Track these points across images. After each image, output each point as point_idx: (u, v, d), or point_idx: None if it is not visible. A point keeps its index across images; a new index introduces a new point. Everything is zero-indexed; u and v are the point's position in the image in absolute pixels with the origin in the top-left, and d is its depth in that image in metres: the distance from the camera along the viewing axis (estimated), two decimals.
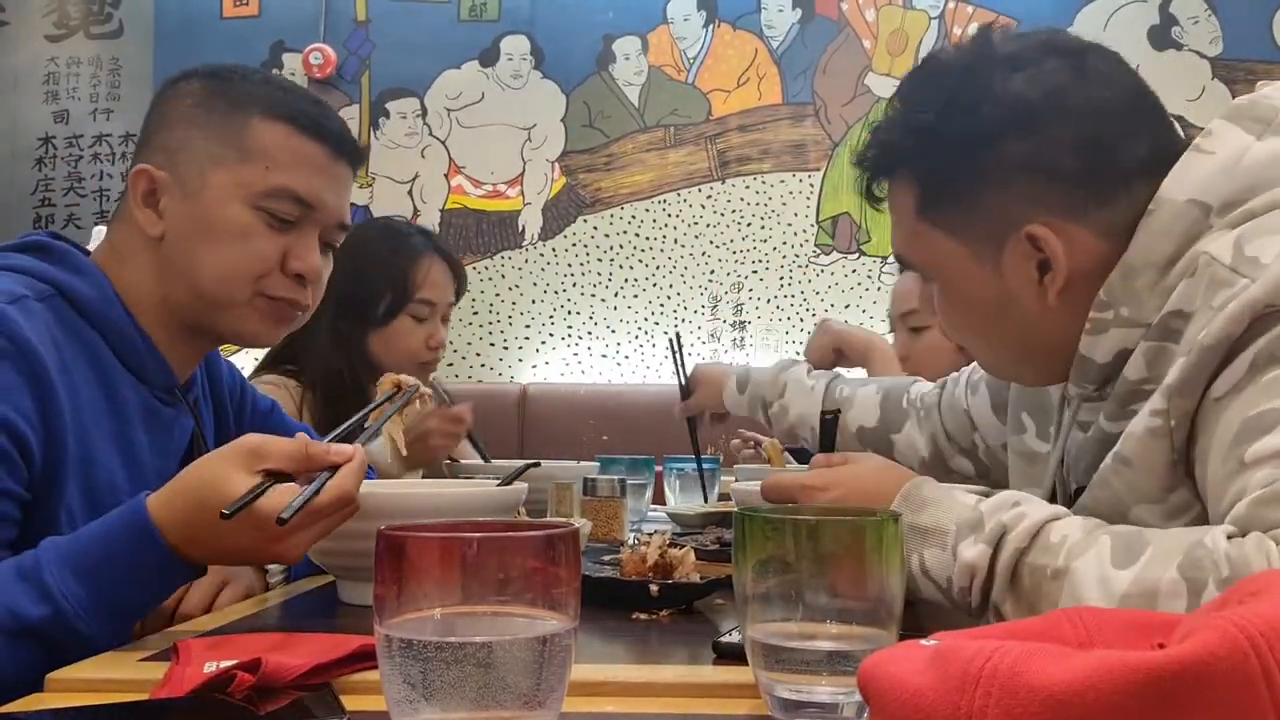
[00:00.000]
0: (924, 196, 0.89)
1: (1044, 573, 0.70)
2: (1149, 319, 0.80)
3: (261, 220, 0.99)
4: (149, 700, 0.62)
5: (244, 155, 0.99)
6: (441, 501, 1.01)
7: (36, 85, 3.81)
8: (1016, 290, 0.86)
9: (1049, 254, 0.83)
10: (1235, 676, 0.36)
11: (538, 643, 0.48)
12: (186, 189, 0.99)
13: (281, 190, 1.00)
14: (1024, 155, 0.83)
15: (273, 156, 1.00)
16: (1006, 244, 0.84)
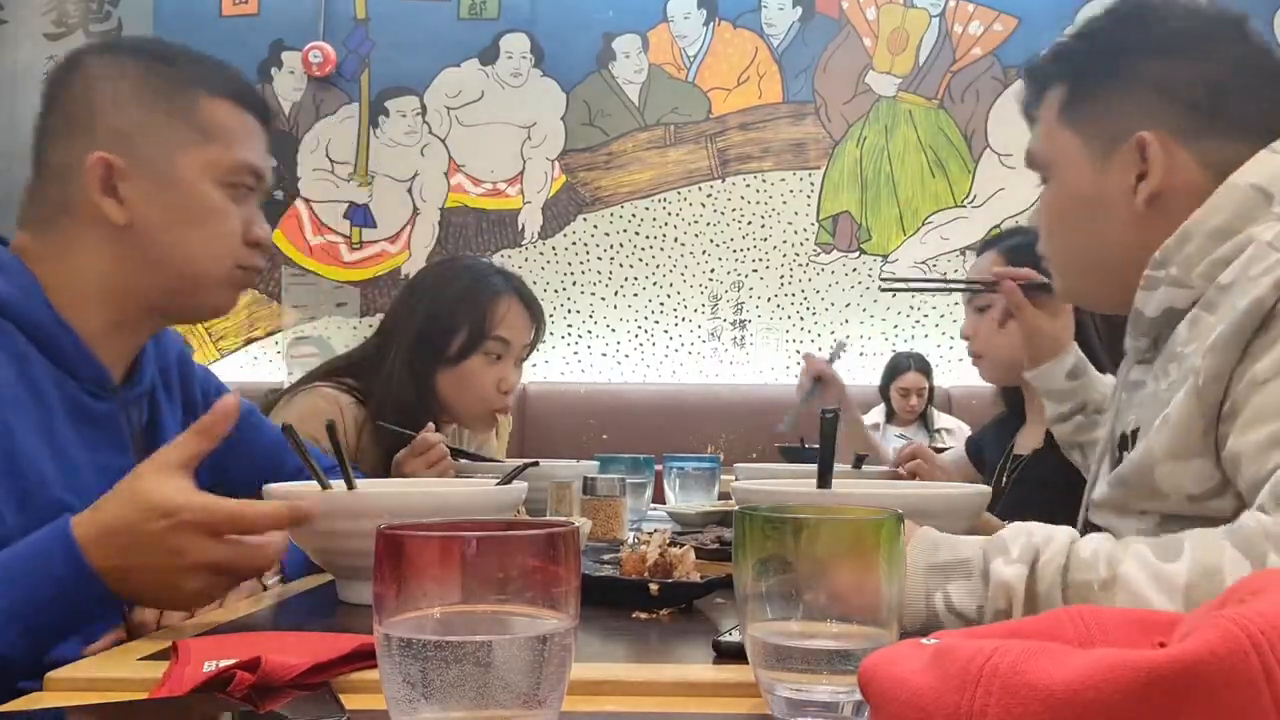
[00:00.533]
0: (1069, 97, 0.99)
1: (1091, 587, 0.70)
2: (1194, 282, 0.88)
3: (228, 196, 1.03)
4: (148, 699, 0.62)
5: (205, 136, 1.02)
6: (441, 500, 1.01)
7: (35, 83, 3.81)
8: (1112, 192, 0.95)
9: (1149, 159, 0.92)
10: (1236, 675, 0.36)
11: (537, 642, 0.47)
12: (154, 174, 0.99)
13: (243, 165, 1.04)
14: (1158, 73, 0.93)
15: (230, 134, 1.04)
16: (1119, 148, 0.94)
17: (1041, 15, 3.63)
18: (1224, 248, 0.86)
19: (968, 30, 3.67)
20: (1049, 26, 3.62)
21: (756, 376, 3.63)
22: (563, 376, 3.65)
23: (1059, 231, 1.02)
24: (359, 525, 0.87)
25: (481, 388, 1.71)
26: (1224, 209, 0.87)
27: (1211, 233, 0.87)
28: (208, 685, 0.61)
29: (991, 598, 0.73)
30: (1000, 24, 3.66)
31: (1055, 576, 0.70)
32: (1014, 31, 3.65)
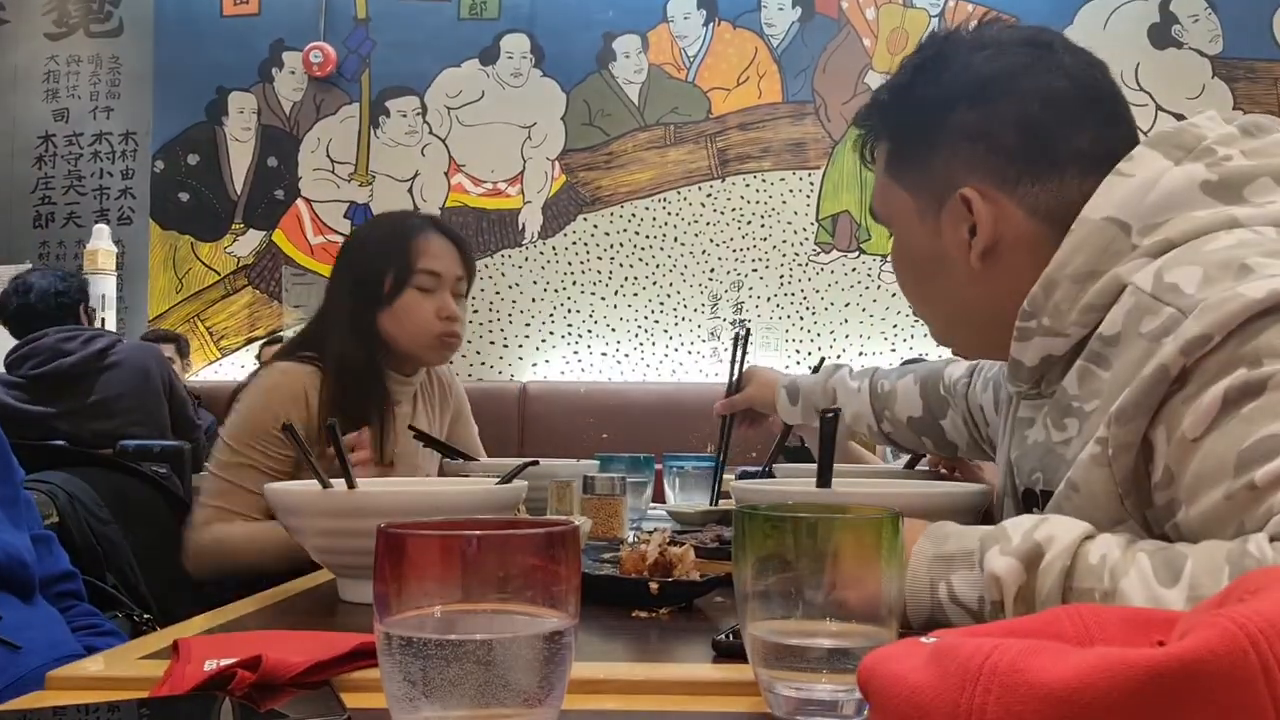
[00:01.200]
0: (891, 153, 0.97)
1: (1092, 595, 0.68)
2: (1067, 330, 0.85)
3: None
4: (149, 698, 0.62)
5: None
6: (441, 500, 1.01)
7: (36, 83, 3.81)
8: (949, 249, 0.92)
9: (975, 216, 0.89)
10: (1234, 674, 0.36)
11: (538, 640, 0.48)
12: None
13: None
14: (971, 124, 0.90)
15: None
16: (945, 204, 0.92)
17: (1040, 15, 3.63)
18: (1092, 291, 0.82)
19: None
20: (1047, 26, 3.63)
21: None
22: (563, 376, 3.65)
23: (911, 287, 1.00)
24: (360, 524, 0.87)
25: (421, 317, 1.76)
26: (1083, 249, 0.83)
27: (1075, 277, 0.83)
28: (209, 684, 0.61)
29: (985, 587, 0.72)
30: None
31: (1058, 580, 0.69)
32: None
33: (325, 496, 0.94)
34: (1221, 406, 0.69)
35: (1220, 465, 0.69)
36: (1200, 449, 0.71)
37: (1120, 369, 0.79)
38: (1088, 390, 0.83)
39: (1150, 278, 0.78)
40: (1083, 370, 0.84)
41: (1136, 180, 0.84)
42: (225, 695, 0.60)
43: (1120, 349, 0.79)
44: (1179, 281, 0.76)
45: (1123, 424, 0.76)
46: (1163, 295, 0.76)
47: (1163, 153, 0.85)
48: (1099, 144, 0.89)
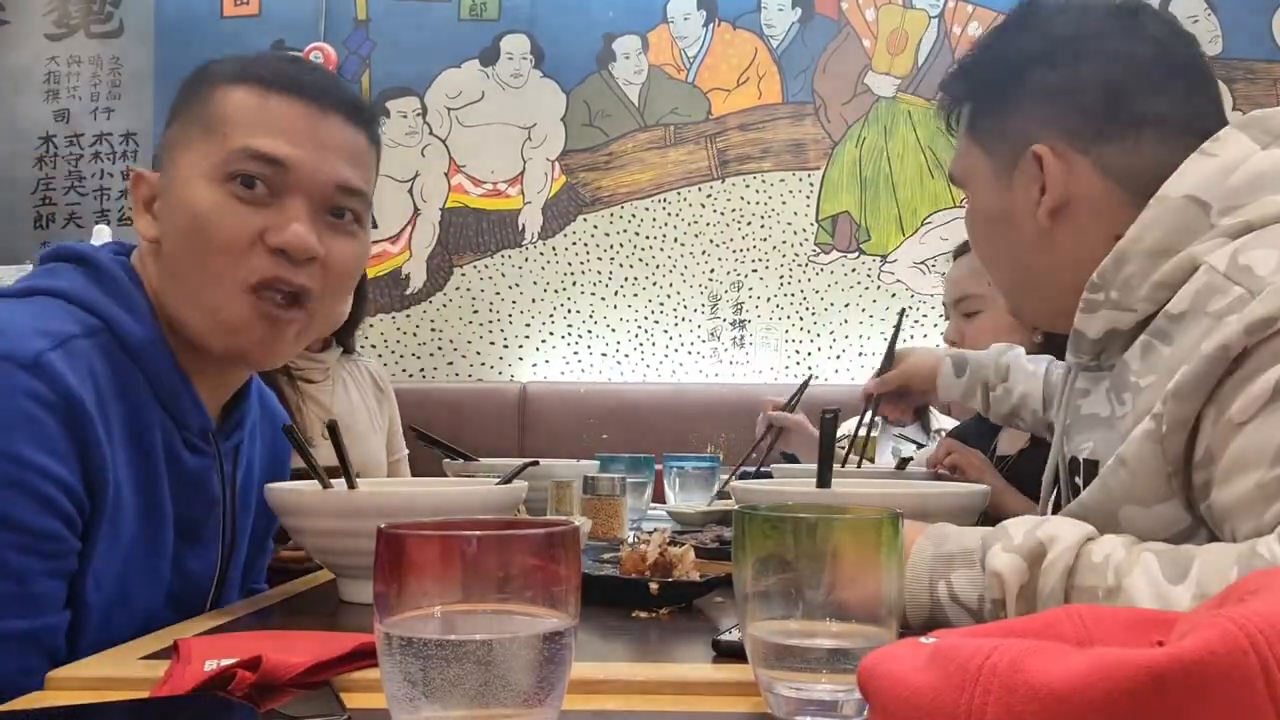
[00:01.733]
0: (974, 112, 0.98)
1: (1095, 593, 0.68)
2: (1135, 305, 0.84)
3: (227, 193, 0.86)
4: (150, 699, 0.62)
5: (206, 130, 0.88)
6: (441, 500, 1.01)
7: (37, 84, 3.81)
8: (1018, 209, 0.93)
9: (1045, 173, 0.90)
10: (1234, 674, 0.36)
11: (538, 641, 0.48)
12: (167, 184, 0.91)
13: (240, 152, 0.86)
14: (1050, 82, 0.91)
15: (233, 121, 0.87)
16: (1019, 162, 0.92)
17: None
18: (1165, 268, 0.82)
19: (966, 31, 3.67)
20: None
21: (756, 376, 3.64)
22: (563, 376, 3.65)
23: (984, 249, 1.01)
24: (360, 524, 0.87)
25: None
26: (1159, 225, 0.82)
27: (1149, 252, 0.83)
28: (209, 684, 0.61)
29: (987, 585, 0.71)
30: None
31: (1060, 578, 0.68)
32: None
33: (325, 497, 0.94)
34: (1272, 394, 0.69)
35: (1259, 452, 0.69)
36: (1242, 433, 0.70)
37: (1181, 346, 0.78)
38: (1146, 366, 0.83)
39: (1225, 258, 0.77)
40: (1145, 345, 0.83)
41: (1220, 160, 0.83)
42: (225, 695, 0.60)
43: (1185, 326, 0.79)
44: (1253, 263, 0.75)
45: (1180, 401, 0.75)
46: (1235, 275, 0.76)
47: (1251, 136, 0.84)
48: (1178, 111, 0.89)
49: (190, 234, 0.87)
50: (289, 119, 0.89)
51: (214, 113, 0.89)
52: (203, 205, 0.87)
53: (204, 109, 0.90)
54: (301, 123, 0.89)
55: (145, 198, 0.93)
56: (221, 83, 0.90)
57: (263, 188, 0.87)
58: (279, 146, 0.87)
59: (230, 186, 0.87)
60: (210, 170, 0.87)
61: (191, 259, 0.88)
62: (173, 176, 0.90)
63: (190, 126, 0.90)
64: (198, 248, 0.87)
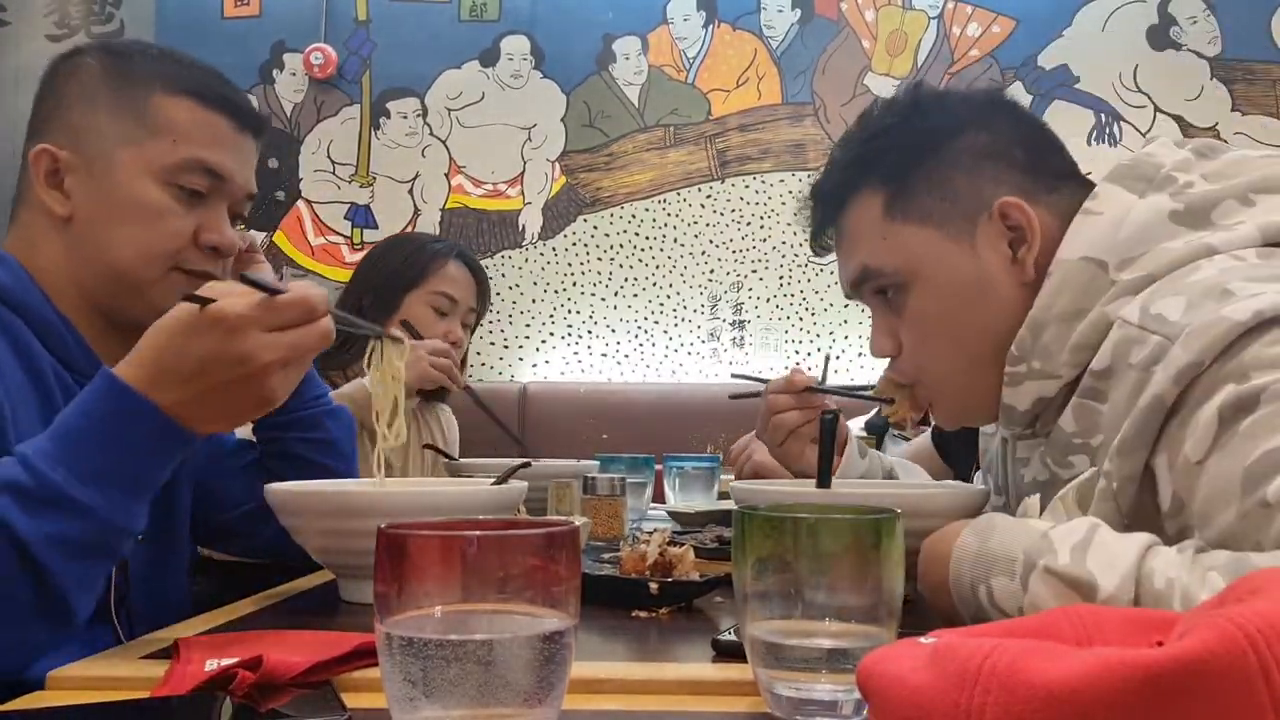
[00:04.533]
0: (892, 195, 0.95)
1: None
2: (1059, 371, 0.86)
3: (172, 196, 0.99)
4: (150, 698, 0.62)
5: (150, 131, 0.99)
6: (441, 500, 1.01)
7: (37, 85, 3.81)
8: (992, 269, 0.91)
9: (1024, 222, 0.90)
10: (1233, 674, 0.36)
11: (538, 640, 0.48)
12: (93, 169, 0.99)
13: (192, 163, 1.00)
14: (980, 144, 0.93)
15: (179, 130, 1.00)
16: (979, 223, 0.91)
17: (1040, 17, 3.63)
18: (1080, 329, 0.83)
19: (966, 32, 3.67)
20: (1047, 28, 3.63)
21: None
22: (563, 376, 3.65)
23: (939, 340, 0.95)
24: (360, 524, 0.87)
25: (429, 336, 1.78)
26: (1065, 289, 0.84)
27: (1062, 317, 0.84)
28: (209, 684, 0.61)
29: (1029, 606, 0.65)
30: (998, 25, 3.66)
31: None
32: (1012, 33, 3.66)
33: (325, 497, 0.94)
34: (1219, 425, 0.69)
35: (1228, 485, 0.68)
36: (1205, 471, 0.70)
37: (1116, 401, 0.80)
38: (1087, 426, 0.84)
39: (1136, 310, 0.79)
40: (1079, 407, 0.84)
41: (1106, 218, 0.85)
42: (226, 695, 0.60)
43: (1113, 382, 0.80)
44: (1164, 311, 0.77)
45: (1124, 456, 0.76)
46: (1149, 325, 0.77)
47: (1125, 187, 0.87)
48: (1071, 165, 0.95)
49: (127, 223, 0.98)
50: (225, 136, 1.03)
51: (158, 118, 1.00)
52: (149, 203, 0.99)
53: (143, 111, 1.00)
54: (231, 140, 1.04)
55: (50, 174, 0.99)
56: (160, 89, 1.01)
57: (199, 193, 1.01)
58: (222, 162, 1.02)
59: (173, 190, 1.00)
60: (158, 173, 0.99)
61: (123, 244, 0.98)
62: (107, 167, 0.99)
63: (126, 123, 0.99)
64: (136, 236, 0.98)
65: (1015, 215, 0.89)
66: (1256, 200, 0.83)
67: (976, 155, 0.92)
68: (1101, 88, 3.55)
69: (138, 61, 1.02)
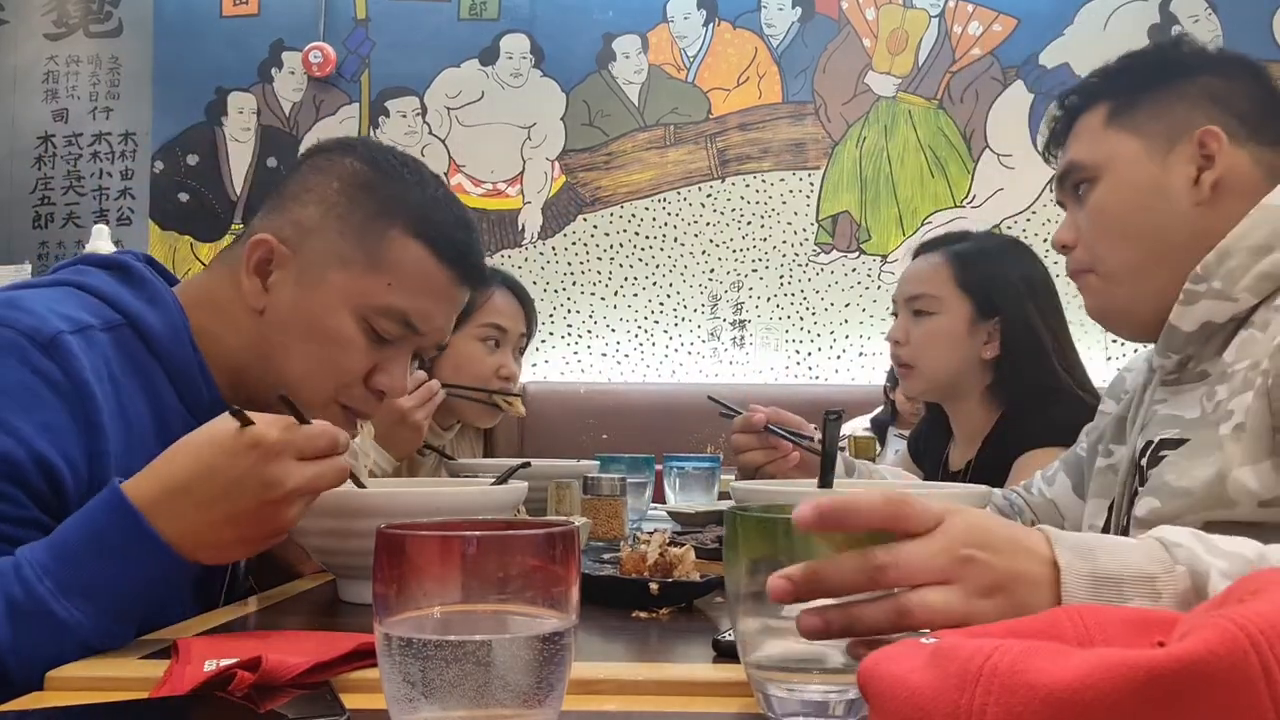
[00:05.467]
0: (1118, 106, 1.04)
1: None
2: (1237, 295, 0.91)
3: (363, 331, 0.97)
4: (149, 699, 0.62)
5: (372, 264, 0.96)
6: (441, 500, 1.01)
7: (36, 84, 3.81)
8: (1174, 183, 0.99)
9: (1214, 150, 0.97)
10: (1235, 675, 0.36)
11: (537, 641, 0.48)
12: (303, 277, 0.96)
13: (395, 312, 0.97)
14: (1213, 85, 1.01)
15: (399, 275, 0.97)
16: (1178, 144, 0.99)
17: (1041, 16, 3.63)
18: (1266, 261, 0.90)
19: (967, 30, 3.67)
20: (1048, 27, 3.63)
21: (756, 377, 3.64)
22: (562, 377, 3.65)
23: (1115, 228, 1.03)
24: (360, 525, 0.87)
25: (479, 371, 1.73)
26: (1262, 225, 0.92)
27: (1252, 249, 0.91)
28: (208, 685, 0.61)
29: None
30: (1000, 24, 3.66)
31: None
32: (1013, 32, 3.66)
33: (325, 497, 0.94)
34: None
35: None
36: None
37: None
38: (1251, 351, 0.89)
39: None
40: (1246, 339, 0.90)
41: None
42: (225, 696, 0.60)
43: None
44: None
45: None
46: None
47: None
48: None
49: (309, 342, 0.96)
50: (443, 295, 1.00)
51: (385, 256, 0.97)
52: (338, 333, 0.96)
53: (376, 243, 0.97)
54: (447, 298, 1.01)
55: (261, 263, 0.97)
56: (400, 225, 0.97)
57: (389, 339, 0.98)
58: (424, 316, 0.99)
59: (365, 327, 0.97)
60: (360, 307, 0.96)
61: (298, 360, 0.96)
62: (317, 282, 0.96)
63: (353, 246, 0.97)
64: (310, 357, 0.96)
65: (1211, 144, 0.97)
66: None
67: (1204, 93, 1.00)
68: None
69: (391, 183, 0.99)
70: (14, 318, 0.83)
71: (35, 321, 0.83)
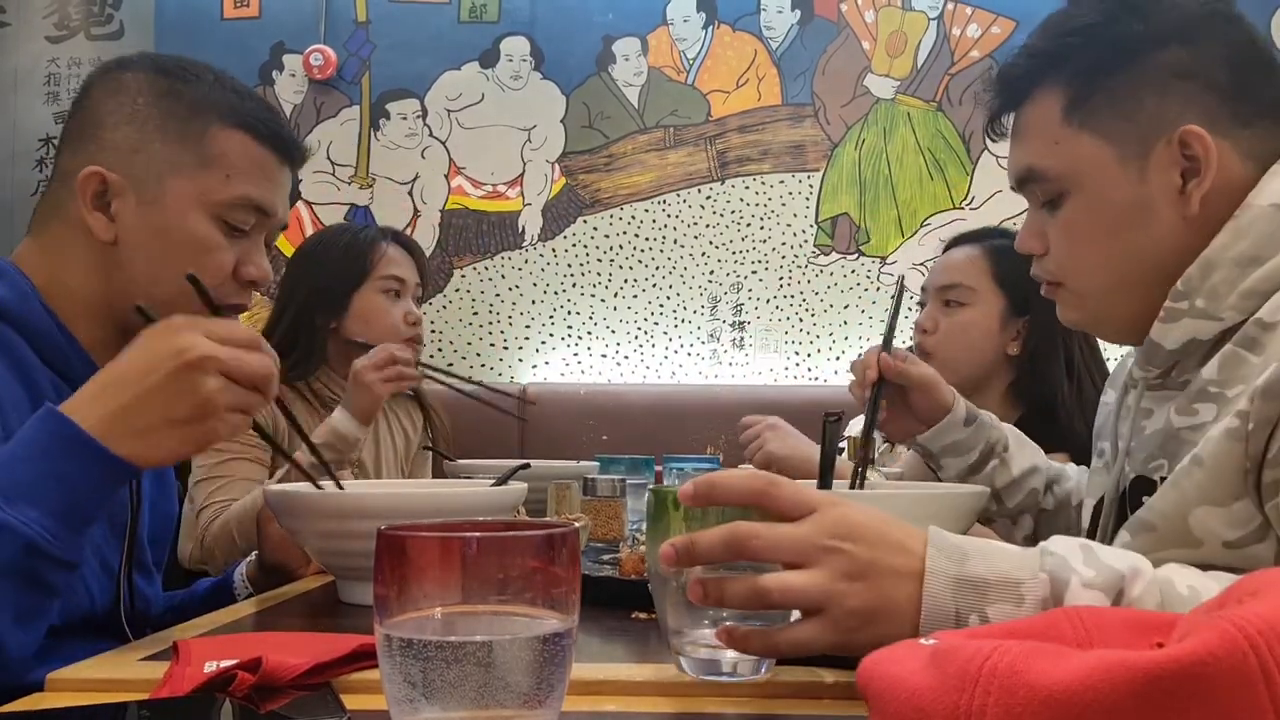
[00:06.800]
0: (1075, 99, 0.90)
1: None
2: (1222, 313, 0.82)
3: (220, 230, 0.99)
4: (149, 700, 0.62)
5: (204, 162, 0.98)
6: (441, 501, 1.01)
7: (37, 86, 3.81)
8: (1156, 195, 0.86)
9: (1201, 155, 0.84)
10: (1234, 676, 0.36)
11: (538, 642, 0.48)
12: (143, 195, 0.97)
13: (243, 200, 0.99)
14: (1184, 62, 0.86)
15: (233, 165, 0.99)
16: (1155, 147, 0.86)
17: (1040, 18, 3.62)
18: (1254, 277, 0.80)
19: (966, 33, 3.67)
20: None
21: (756, 378, 3.64)
22: (562, 378, 3.65)
23: (1091, 250, 0.92)
24: (359, 526, 0.87)
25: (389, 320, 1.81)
26: (1247, 234, 0.81)
27: (1238, 260, 0.81)
28: (209, 686, 0.61)
29: None
30: (998, 26, 3.67)
31: None
32: (1012, 34, 3.66)
33: (325, 498, 0.94)
34: None
35: None
36: None
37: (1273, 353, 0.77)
38: (1232, 375, 0.80)
39: None
40: (1229, 355, 0.80)
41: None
42: (225, 697, 0.60)
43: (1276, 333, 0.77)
44: None
45: (1269, 399, 0.73)
46: None
47: None
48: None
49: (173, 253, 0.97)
50: (272, 171, 1.03)
51: (212, 152, 0.99)
52: (198, 236, 0.98)
53: (198, 143, 0.99)
54: (278, 177, 1.04)
55: (96, 195, 0.97)
56: (216, 121, 1.00)
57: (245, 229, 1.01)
58: (269, 200, 1.02)
59: (220, 224, 0.99)
60: (210, 206, 0.98)
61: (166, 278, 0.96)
62: (158, 195, 0.97)
63: (180, 151, 0.98)
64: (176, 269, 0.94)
65: (1195, 146, 0.84)
66: None
67: (1172, 73, 0.86)
68: None
69: (193, 86, 1.00)
70: None
71: None
